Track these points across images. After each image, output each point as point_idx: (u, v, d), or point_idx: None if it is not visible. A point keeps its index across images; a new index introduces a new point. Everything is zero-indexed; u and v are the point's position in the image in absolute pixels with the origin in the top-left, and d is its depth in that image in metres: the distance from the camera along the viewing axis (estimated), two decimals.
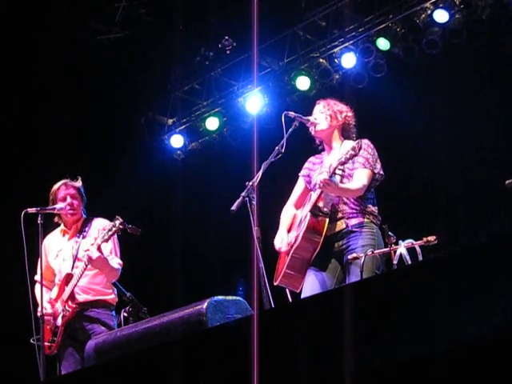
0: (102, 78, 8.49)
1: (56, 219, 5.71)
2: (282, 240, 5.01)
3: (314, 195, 4.93)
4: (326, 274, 4.88)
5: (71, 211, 5.60)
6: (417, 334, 2.68)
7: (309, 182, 5.15)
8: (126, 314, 5.60)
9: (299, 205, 5.15)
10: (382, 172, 4.98)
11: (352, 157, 4.75)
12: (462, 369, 2.59)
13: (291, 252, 4.87)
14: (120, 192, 8.43)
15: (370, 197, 4.98)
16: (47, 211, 5.54)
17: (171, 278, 8.34)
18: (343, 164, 4.78)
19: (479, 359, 2.56)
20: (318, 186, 4.80)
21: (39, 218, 5.38)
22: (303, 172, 5.21)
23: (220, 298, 3.89)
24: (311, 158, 5.25)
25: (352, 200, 4.90)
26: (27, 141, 8.13)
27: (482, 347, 2.54)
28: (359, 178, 4.87)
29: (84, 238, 5.55)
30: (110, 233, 5.24)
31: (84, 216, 5.69)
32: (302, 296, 4.85)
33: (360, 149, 4.74)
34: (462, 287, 2.62)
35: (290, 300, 5.05)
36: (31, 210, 5.41)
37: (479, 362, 2.56)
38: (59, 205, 5.56)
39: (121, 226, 5.23)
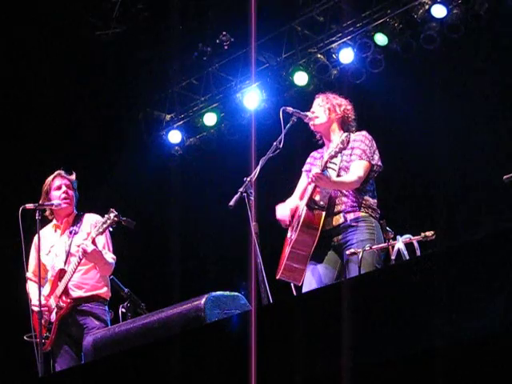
0: (99, 73, 8.48)
1: (48, 214, 5.64)
2: (285, 209, 4.96)
3: (309, 189, 4.93)
4: (327, 266, 4.87)
5: (66, 200, 5.56)
6: (415, 330, 2.67)
7: None
8: (124, 310, 5.60)
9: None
10: (380, 163, 4.97)
11: (341, 150, 4.78)
12: (460, 366, 2.59)
13: (290, 246, 4.87)
14: (118, 187, 8.43)
15: (369, 189, 4.97)
16: (45, 207, 5.52)
17: (169, 274, 8.33)
18: (333, 157, 4.81)
19: (477, 357, 2.56)
20: (310, 180, 4.81)
21: (37, 214, 5.36)
22: (305, 167, 5.21)
23: (218, 293, 3.89)
24: (313, 153, 5.25)
25: (351, 193, 4.90)
26: (24, 137, 8.12)
27: (481, 345, 2.54)
28: (355, 170, 4.87)
29: (76, 233, 5.53)
30: (104, 225, 5.23)
31: (75, 212, 5.68)
32: (302, 291, 4.86)
33: (348, 142, 4.76)
34: (460, 283, 2.62)
35: (295, 293, 5.03)
36: (29, 206, 5.37)
37: (477, 360, 2.56)
38: (56, 201, 5.54)
39: (115, 219, 5.22)
